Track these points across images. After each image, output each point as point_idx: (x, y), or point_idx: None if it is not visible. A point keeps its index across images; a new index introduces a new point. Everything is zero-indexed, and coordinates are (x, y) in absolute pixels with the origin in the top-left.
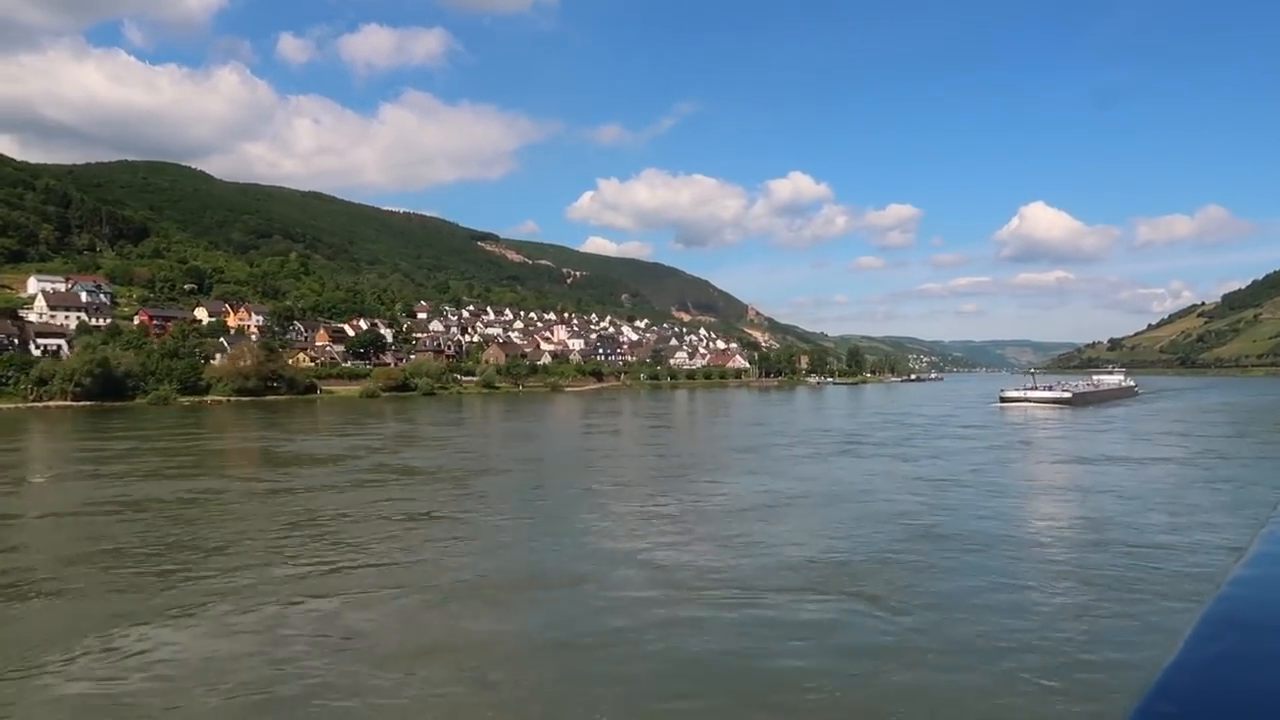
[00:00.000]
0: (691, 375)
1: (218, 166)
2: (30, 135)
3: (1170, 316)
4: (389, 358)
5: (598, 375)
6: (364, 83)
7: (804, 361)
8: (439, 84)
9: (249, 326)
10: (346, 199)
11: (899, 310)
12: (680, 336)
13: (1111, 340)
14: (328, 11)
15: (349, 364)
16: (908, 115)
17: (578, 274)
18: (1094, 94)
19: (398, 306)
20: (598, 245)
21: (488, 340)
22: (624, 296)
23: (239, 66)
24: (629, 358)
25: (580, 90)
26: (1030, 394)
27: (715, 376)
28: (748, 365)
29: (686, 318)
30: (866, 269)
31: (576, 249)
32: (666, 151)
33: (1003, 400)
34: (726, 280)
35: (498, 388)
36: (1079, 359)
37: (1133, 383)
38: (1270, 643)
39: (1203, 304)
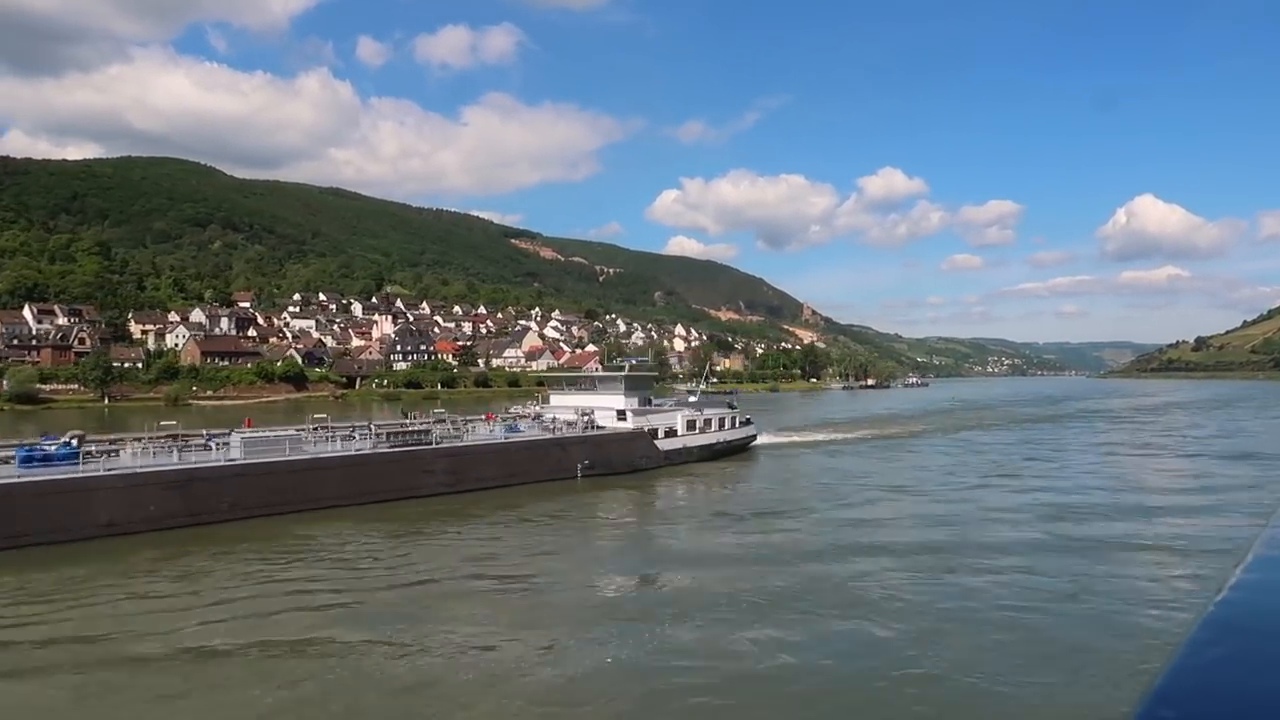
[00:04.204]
0: (484, 383)
1: (307, 173)
2: (122, 145)
3: (1269, 312)
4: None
5: (297, 382)
6: (439, 84)
7: (679, 363)
8: (516, 83)
9: None
10: (371, 196)
11: (995, 311)
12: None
13: (1198, 339)
14: (399, 13)
15: None
16: (1008, 108)
17: (610, 271)
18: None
19: (208, 294)
20: (682, 246)
21: (296, 336)
22: (657, 295)
23: (322, 72)
24: (442, 355)
25: (660, 86)
26: None
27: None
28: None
29: (727, 316)
30: (963, 268)
31: (624, 247)
32: (751, 148)
33: None
34: (811, 283)
35: (41, 401)
36: (1159, 360)
37: (750, 431)
38: (1270, 647)
39: None
